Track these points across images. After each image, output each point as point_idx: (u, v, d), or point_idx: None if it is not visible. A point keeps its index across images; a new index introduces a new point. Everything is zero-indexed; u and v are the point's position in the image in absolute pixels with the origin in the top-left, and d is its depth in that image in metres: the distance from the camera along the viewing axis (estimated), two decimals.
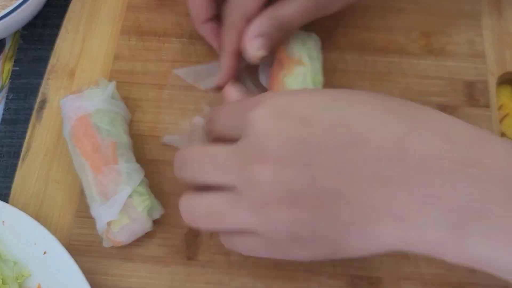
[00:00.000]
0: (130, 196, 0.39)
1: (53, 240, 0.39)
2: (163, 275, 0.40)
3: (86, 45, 0.50)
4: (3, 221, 0.41)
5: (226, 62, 0.43)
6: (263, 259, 0.40)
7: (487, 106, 0.45)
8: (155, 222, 0.42)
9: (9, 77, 0.51)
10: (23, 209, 0.41)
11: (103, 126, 0.41)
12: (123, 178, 0.40)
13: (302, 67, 0.41)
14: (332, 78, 0.47)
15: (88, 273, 0.39)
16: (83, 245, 0.42)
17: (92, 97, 0.42)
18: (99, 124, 0.41)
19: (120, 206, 0.39)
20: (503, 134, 0.45)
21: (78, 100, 0.42)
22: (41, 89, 0.48)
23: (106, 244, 0.40)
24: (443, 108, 0.45)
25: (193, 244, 0.41)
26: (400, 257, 0.40)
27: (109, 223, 0.39)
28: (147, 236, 0.42)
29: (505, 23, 0.49)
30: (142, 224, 0.40)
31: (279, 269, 0.40)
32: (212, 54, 0.48)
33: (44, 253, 0.39)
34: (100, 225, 0.39)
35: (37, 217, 0.41)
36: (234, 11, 0.41)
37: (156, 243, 0.41)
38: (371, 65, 0.47)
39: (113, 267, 0.41)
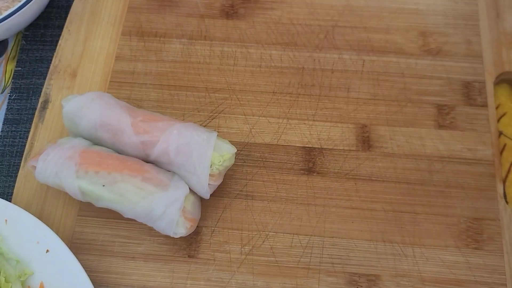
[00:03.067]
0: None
1: (56, 238, 0.39)
2: (164, 273, 0.41)
3: (87, 45, 0.51)
4: (6, 220, 0.41)
5: None
6: (263, 257, 0.41)
7: (484, 105, 0.46)
8: None
9: (11, 78, 0.52)
10: (26, 207, 0.41)
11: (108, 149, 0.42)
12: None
13: None
14: (330, 77, 0.47)
15: (90, 271, 0.39)
16: (85, 244, 0.42)
17: (71, 139, 0.42)
18: (104, 149, 0.42)
19: (185, 184, 0.40)
20: (500, 133, 0.46)
21: (63, 146, 0.41)
22: (44, 89, 0.49)
23: (181, 230, 0.39)
24: (441, 107, 0.46)
25: (193, 242, 0.42)
26: (398, 254, 0.41)
27: None
28: (149, 234, 0.42)
29: (502, 23, 0.49)
30: (202, 194, 0.40)
31: (279, 267, 0.41)
32: (213, 55, 0.49)
33: (47, 251, 0.39)
34: (174, 210, 0.38)
35: (40, 215, 0.41)
36: None
37: (157, 241, 0.42)
38: (369, 65, 0.48)
39: (115, 265, 0.41)
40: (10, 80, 0.52)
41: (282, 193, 0.43)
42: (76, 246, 0.42)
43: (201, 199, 0.42)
